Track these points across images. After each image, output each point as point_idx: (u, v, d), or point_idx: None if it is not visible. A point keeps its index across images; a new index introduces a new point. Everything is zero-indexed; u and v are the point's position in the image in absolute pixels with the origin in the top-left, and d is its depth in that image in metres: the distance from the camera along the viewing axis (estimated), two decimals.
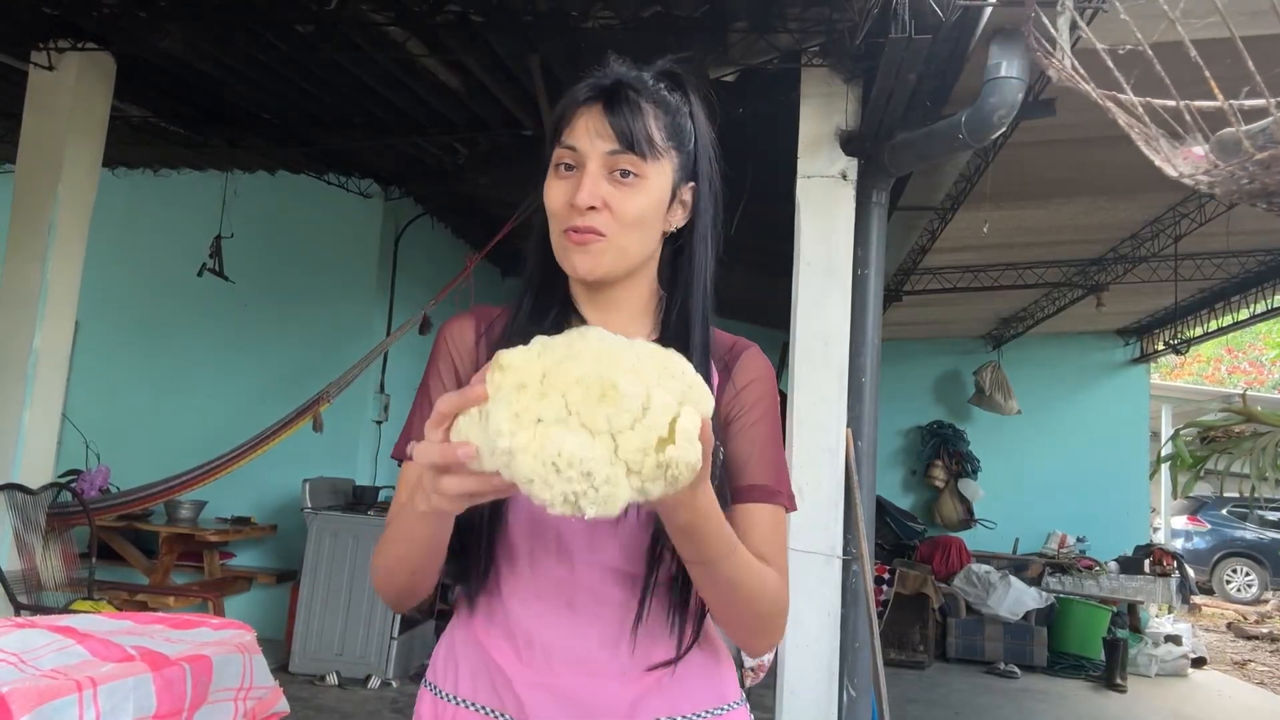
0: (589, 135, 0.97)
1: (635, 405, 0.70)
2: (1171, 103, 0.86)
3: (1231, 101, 0.84)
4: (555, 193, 0.99)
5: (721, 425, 1.01)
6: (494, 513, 0.98)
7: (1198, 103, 0.87)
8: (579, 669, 0.97)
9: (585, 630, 0.98)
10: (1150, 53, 0.86)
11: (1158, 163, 0.96)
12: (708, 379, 1.00)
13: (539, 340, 0.76)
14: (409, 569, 0.94)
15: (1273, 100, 0.82)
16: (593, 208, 0.95)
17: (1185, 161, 0.91)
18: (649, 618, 0.98)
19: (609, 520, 0.95)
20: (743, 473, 1.00)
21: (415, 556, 0.92)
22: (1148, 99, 0.90)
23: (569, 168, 0.98)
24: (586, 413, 0.70)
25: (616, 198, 0.96)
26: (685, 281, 1.04)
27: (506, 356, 0.74)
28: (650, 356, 0.74)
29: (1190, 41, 0.84)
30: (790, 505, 1.02)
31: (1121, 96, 0.90)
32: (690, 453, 0.71)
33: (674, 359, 0.75)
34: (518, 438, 0.70)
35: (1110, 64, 0.99)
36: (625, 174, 0.97)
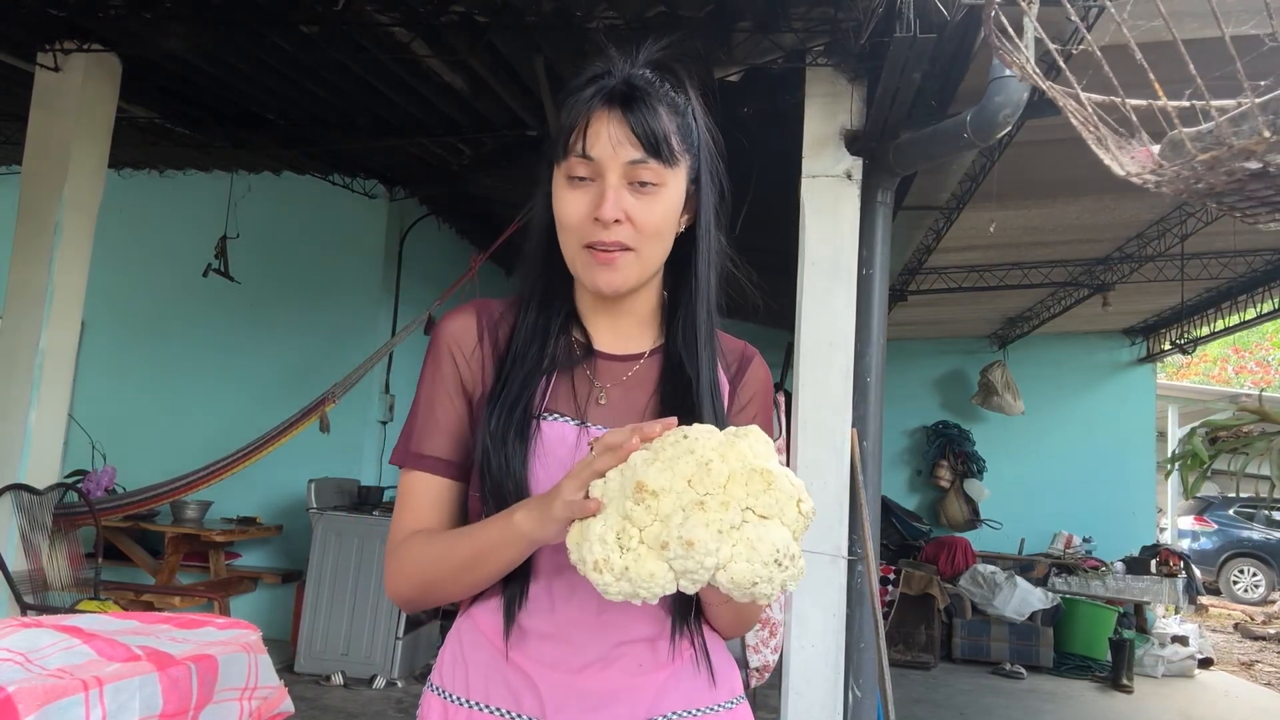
0: (608, 144, 0.93)
1: (785, 483, 0.76)
2: (1115, 99, 0.87)
3: (1171, 102, 0.85)
4: (572, 205, 0.95)
5: None
6: None
7: (1134, 101, 0.88)
8: (598, 665, 0.96)
9: (603, 632, 0.97)
10: (1099, 54, 0.88)
11: (1106, 161, 0.97)
12: (717, 383, 1.02)
13: (644, 453, 0.80)
14: (467, 585, 0.96)
15: (1212, 101, 0.82)
16: (617, 221, 0.93)
17: (1133, 161, 0.92)
18: (663, 620, 0.99)
19: None
20: None
21: (484, 574, 0.94)
22: (1091, 96, 0.91)
23: (582, 179, 0.95)
24: (760, 504, 0.75)
25: (638, 209, 0.94)
26: (690, 283, 1.03)
27: (653, 481, 0.76)
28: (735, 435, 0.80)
29: (1135, 45, 0.85)
30: None
31: (1084, 95, 0.90)
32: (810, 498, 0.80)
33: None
34: (724, 551, 0.73)
35: (1061, 63, 1.00)
36: (644, 184, 0.94)
